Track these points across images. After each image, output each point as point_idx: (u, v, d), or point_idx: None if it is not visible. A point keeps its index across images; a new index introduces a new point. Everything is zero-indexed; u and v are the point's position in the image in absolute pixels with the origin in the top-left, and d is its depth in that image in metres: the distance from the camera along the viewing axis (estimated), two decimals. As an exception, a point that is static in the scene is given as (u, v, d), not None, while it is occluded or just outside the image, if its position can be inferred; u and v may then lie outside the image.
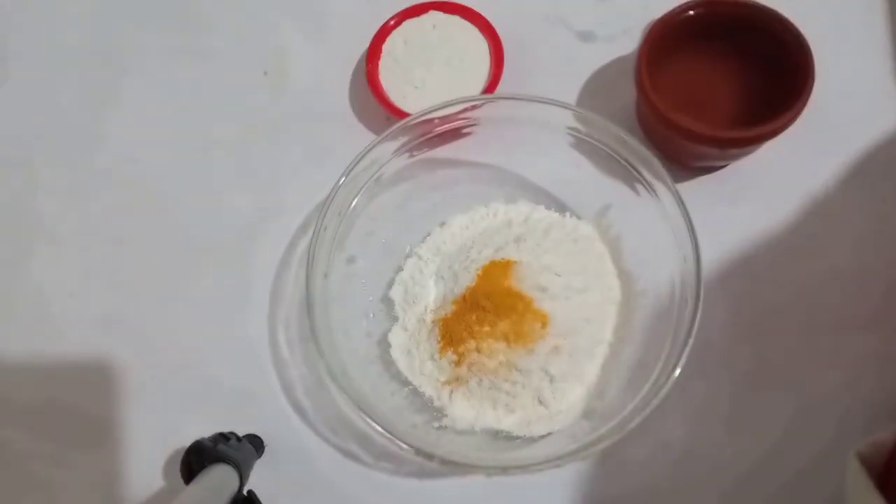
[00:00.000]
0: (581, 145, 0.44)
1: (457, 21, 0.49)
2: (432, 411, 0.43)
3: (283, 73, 0.52)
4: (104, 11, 0.54)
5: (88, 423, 0.46)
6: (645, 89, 0.41)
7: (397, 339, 0.44)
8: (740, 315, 0.44)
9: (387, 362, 0.44)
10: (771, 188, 0.46)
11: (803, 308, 0.44)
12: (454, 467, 0.38)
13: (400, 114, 0.46)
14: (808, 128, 0.42)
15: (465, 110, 0.43)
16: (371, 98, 0.48)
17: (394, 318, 0.45)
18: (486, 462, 0.39)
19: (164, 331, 0.47)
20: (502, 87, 0.48)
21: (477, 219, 0.46)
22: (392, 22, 0.49)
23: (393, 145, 0.43)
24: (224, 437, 0.42)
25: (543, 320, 0.41)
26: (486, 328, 0.41)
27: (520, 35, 0.49)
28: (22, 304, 0.49)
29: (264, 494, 0.40)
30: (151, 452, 0.45)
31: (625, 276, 0.44)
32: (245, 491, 0.40)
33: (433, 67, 0.48)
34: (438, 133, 0.44)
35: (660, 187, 0.41)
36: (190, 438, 0.41)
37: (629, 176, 0.43)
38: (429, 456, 0.38)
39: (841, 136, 0.46)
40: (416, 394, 0.43)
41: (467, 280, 0.43)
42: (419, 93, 0.48)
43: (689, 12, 0.42)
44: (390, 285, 0.46)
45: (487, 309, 0.41)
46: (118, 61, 0.53)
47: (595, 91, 0.49)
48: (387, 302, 0.46)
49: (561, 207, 0.46)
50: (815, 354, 0.43)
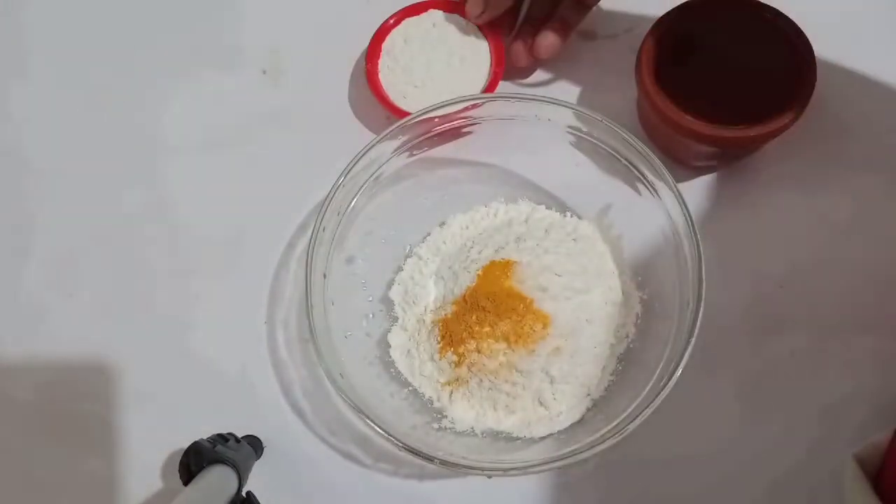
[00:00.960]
0: (582, 145, 0.43)
1: (457, 20, 0.48)
2: (432, 412, 0.43)
3: (282, 73, 0.51)
4: (103, 12, 0.54)
5: (87, 424, 0.46)
6: (646, 88, 0.41)
7: (397, 340, 0.44)
8: (742, 315, 0.44)
9: (386, 363, 0.44)
10: (772, 188, 0.46)
11: (805, 308, 0.44)
12: (454, 468, 0.38)
13: (400, 113, 0.45)
14: (810, 127, 0.41)
15: (465, 109, 0.43)
16: (370, 97, 0.48)
17: (393, 319, 0.45)
18: (487, 463, 0.39)
19: (164, 332, 0.47)
20: (503, 87, 0.47)
21: (477, 219, 0.46)
22: (391, 21, 0.48)
23: (392, 144, 0.43)
24: (223, 438, 0.42)
25: (544, 321, 0.41)
26: (487, 329, 0.41)
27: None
28: (21, 305, 0.49)
29: (263, 495, 0.40)
30: (150, 453, 0.45)
31: (626, 277, 0.44)
32: (244, 492, 0.40)
33: (433, 66, 0.47)
34: (438, 132, 0.44)
35: (661, 187, 0.41)
36: (188, 439, 0.41)
37: (630, 175, 0.42)
38: (429, 457, 0.38)
39: (842, 136, 0.46)
40: (416, 395, 0.43)
41: (467, 280, 0.43)
42: (419, 92, 0.47)
43: (691, 11, 0.42)
44: (390, 285, 0.46)
45: (488, 309, 0.41)
46: (116, 61, 0.53)
47: (596, 90, 0.48)
48: (386, 302, 0.46)
49: (562, 207, 0.46)
50: (817, 355, 0.43)
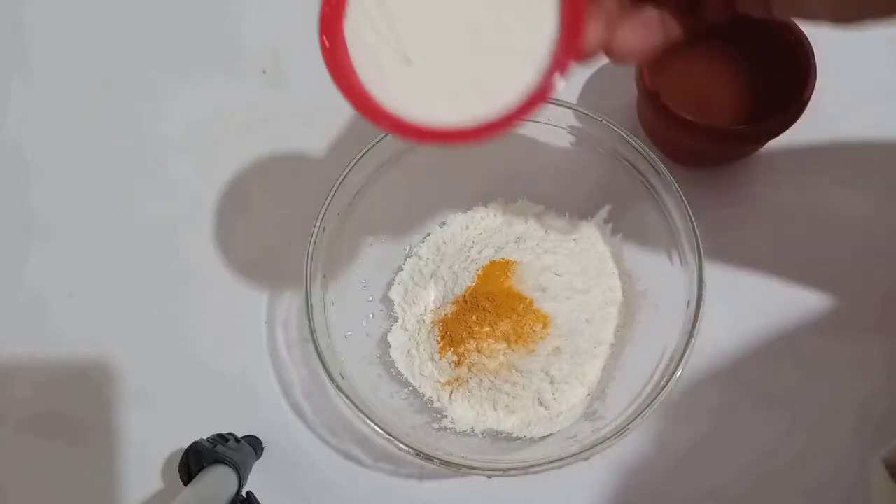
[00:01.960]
0: (582, 144, 0.43)
1: None
2: (432, 412, 0.43)
3: (282, 73, 0.51)
4: (102, 11, 0.54)
5: (87, 424, 0.46)
6: (646, 88, 0.41)
7: (397, 340, 0.44)
8: (743, 315, 0.44)
9: (386, 363, 0.44)
10: (773, 187, 0.46)
11: (808, 308, 0.44)
12: (454, 469, 0.38)
13: (366, 108, 0.29)
14: (810, 127, 0.41)
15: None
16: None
17: (393, 319, 0.45)
18: (487, 463, 0.39)
19: (163, 332, 0.47)
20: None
21: (477, 219, 0.46)
22: None
23: (392, 144, 0.43)
24: (223, 439, 0.42)
25: (544, 321, 0.41)
26: (487, 329, 0.41)
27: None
28: (20, 305, 0.49)
29: (263, 496, 0.40)
30: (150, 453, 0.45)
31: (626, 277, 0.44)
32: (244, 492, 0.40)
33: (444, 25, 0.27)
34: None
35: (661, 187, 0.41)
36: (188, 439, 0.41)
37: (630, 175, 0.42)
38: (429, 457, 0.37)
39: (842, 136, 0.46)
40: (416, 395, 0.43)
41: (467, 280, 0.43)
42: (410, 73, 0.28)
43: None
44: (390, 286, 0.46)
45: (488, 309, 0.41)
46: (116, 60, 0.53)
47: (596, 90, 0.48)
48: (386, 302, 0.46)
49: (562, 207, 0.46)
50: (820, 355, 0.43)
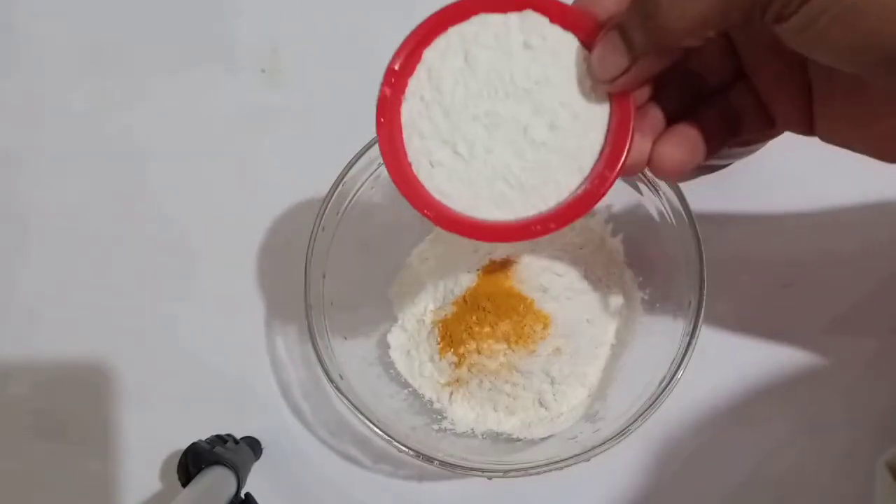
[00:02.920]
0: (582, 144, 0.43)
1: (569, 44, 0.26)
2: (432, 413, 0.42)
3: (282, 72, 0.51)
4: (100, 10, 0.54)
5: (85, 425, 0.46)
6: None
7: (396, 341, 0.44)
8: (745, 315, 0.44)
9: (386, 364, 0.44)
10: (775, 186, 0.46)
11: (810, 308, 0.43)
12: (454, 470, 0.38)
13: (414, 196, 0.29)
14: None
15: None
16: (370, 95, 0.47)
17: (393, 319, 0.45)
18: (487, 464, 0.38)
19: (161, 332, 0.47)
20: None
21: (477, 218, 0.46)
22: (433, 23, 0.28)
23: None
24: (221, 440, 0.42)
25: (545, 321, 0.41)
26: (487, 329, 0.41)
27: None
28: (18, 305, 0.48)
29: (262, 497, 0.40)
30: (148, 455, 0.45)
31: (627, 277, 0.44)
32: (243, 493, 0.40)
33: (500, 126, 0.27)
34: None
35: (662, 186, 0.40)
36: (187, 441, 0.41)
37: (632, 177, 0.42)
38: (429, 458, 0.37)
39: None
40: (416, 396, 0.43)
41: (467, 280, 0.42)
42: (459, 166, 0.28)
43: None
44: (389, 286, 0.45)
45: (488, 310, 0.41)
46: (113, 59, 0.52)
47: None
48: (386, 302, 0.45)
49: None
50: (823, 355, 0.43)
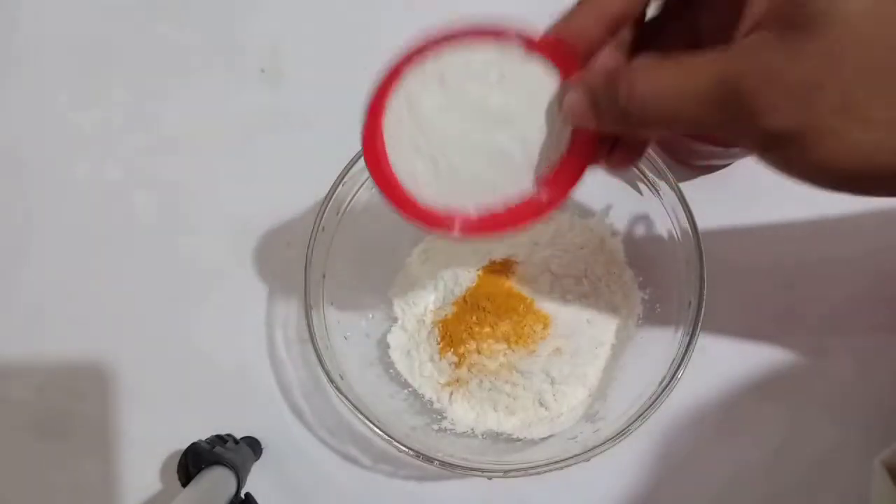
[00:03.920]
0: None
1: (537, 71, 0.28)
2: (432, 413, 0.42)
3: (281, 72, 0.51)
4: (100, 10, 0.53)
5: (85, 426, 0.46)
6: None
7: (396, 341, 0.44)
8: (745, 315, 0.44)
9: (386, 364, 0.44)
10: (775, 187, 0.45)
11: (810, 308, 0.43)
12: (454, 470, 0.38)
13: (399, 201, 0.30)
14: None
15: None
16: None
17: (393, 319, 0.45)
18: (487, 465, 0.38)
19: (162, 332, 0.47)
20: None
21: (477, 218, 0.46)
22: (426, 44, 0.30)
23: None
24: (221, 440, 0.42)
25: (545, 321, 0.41)
26: (487, 329, 0.41)
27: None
28: (19, 305, 0.48)
29: (262, 497, 0.40)
30: (148, 455, 0.45)
31: (627, 277, 0.44)
32: (242, 493, 0.40)
33: (473, 149, 0.29)
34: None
35: (662, 186, 0.40)
36: (187, 441, 0.41)
37: (631, 175, 0.42)
38: (429, 458, 0.37)
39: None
40: (416, 396, 0.43)
41: (467, 281, 0.42)
42: (436, 179, 0.29)
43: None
44: (389, 286, 0.45)
45: (488, 310, 0.41)
46: (113, 59, 0.52)
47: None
48: (386, 302, 0.45)
49: (562, 206, 0.46)
50: (823, 355, 0.43)
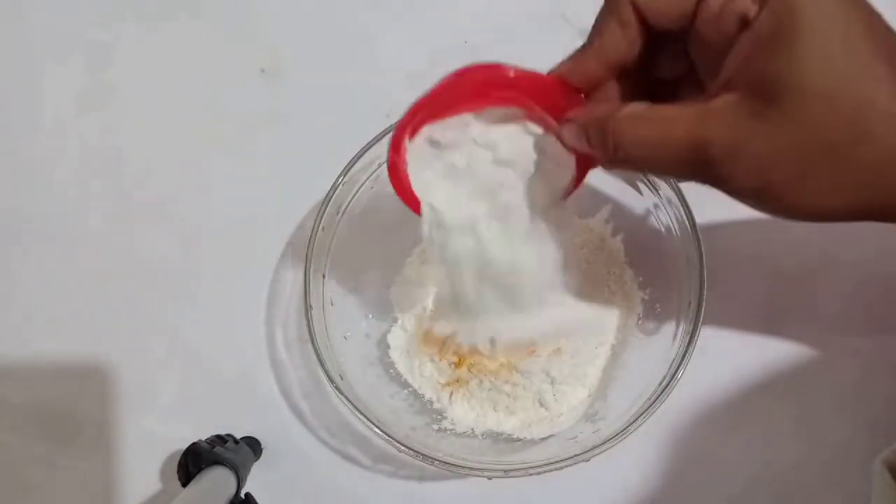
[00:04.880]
0: (582, 144, 0.43)
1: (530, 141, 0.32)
2: (432, 413, 0.42)
3: (281, 72, 0.51)
4: (101, 10, 0.54)
5: (84, 426, 0.46)
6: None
7: (396, 341, 0.44)
8: (746, 315, 0.43)
9: (386, 364, 0.44)
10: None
11: (810, 308, 0.43)
12: (454, 470, 0.38)
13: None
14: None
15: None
16: (369, 98, 0.47)
17: (393, 319, 0.45)
18: (487, 465, 0.38)
19: (161, 332, 0.47)
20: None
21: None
22: (441, 104, 0.31)
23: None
24: (221, 440, 0.42)
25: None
26: (487, 329, 0.41)
27: (520, 32, 0.49)
28: (19, 305, 0.48)
29: (262, 497, 0.40)
30: (148, 455, 0.45)
31: (627, 277, 0.44)
32: (242, 493, 0.40)
33: (486, 192, 0.34)
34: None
35: (662, 186, 0.40)
36: (187, 441, 0.41)
37: (631, 174, 0.42)
38: (429, 459, 0.37)
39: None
40: (416, 396, 0.43)
41: (467, 280, 0.42)
42: (448, 201, 0.34)
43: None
44: (389, 286, 0.45)
45: (488, 310, 0.41)
46: (113, 57, 0.52)
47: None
48: (386, 302, 0.45)
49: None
50: (824, 356, 0.43)
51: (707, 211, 0.41)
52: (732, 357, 0.43)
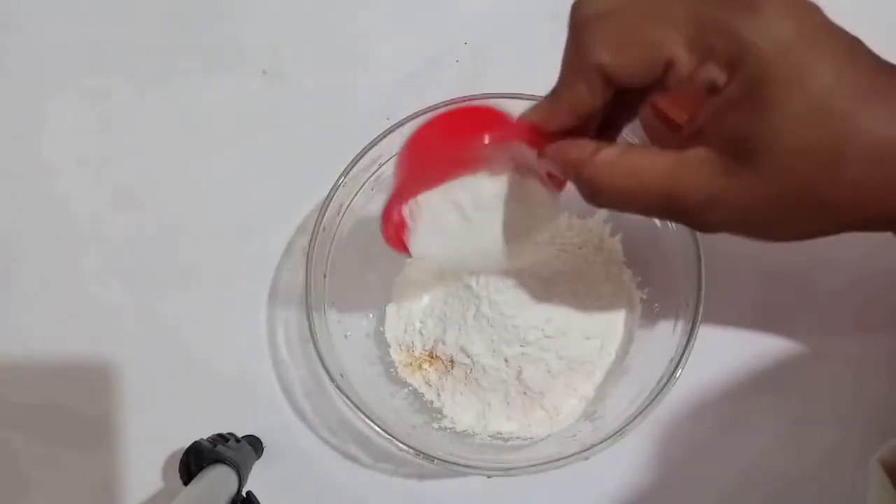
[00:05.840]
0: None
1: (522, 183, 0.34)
2: (432, 412, 0.43)
3: (282, 72, 0.51)
4: (100, 11, 0.54)
5: (86, 424, 0.46)
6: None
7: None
8: (744, 314, 0.44)
9: (386, 363, 0.44)
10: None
11: (810, 308, 0.44)
12: (454, 468, 0.38)
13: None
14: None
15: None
16: (368, 98, 0.47)
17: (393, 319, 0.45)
18: (487, 463, 0.39)
19: (163, 332, 0.47)
20: (498, 84, 0.47)
21: (477, 218, 0.46)
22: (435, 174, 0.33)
23: (392, 144, 0.43)
24: (223, 438, 0.42)
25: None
26: (487, 328, 0.41)
27: (520, 33, 0.49)
28: (19, 304, 0.49)
29: (263, 495, 0.40)
30: (150, 453, 0.45)
31: (626, 277, 0.44)
32: (244, 492, 0.40)
33: (483, 226, 0.35)
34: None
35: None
36: (188, 439, 0.41)
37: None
38: (429, 457, 0.37)
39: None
40: (416, 394, 0.43)
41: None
42: (444, 239, 0.35)
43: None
44: (390, 286, 0.46)
45: (488, 309, 0.41)
46: (114, 59, 0.52)
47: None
48: (386, 302, 0.45)
49: (562, 207, 0.46)
50: (819, 354, 0.43)
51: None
52: (728, 356, 0.43)
